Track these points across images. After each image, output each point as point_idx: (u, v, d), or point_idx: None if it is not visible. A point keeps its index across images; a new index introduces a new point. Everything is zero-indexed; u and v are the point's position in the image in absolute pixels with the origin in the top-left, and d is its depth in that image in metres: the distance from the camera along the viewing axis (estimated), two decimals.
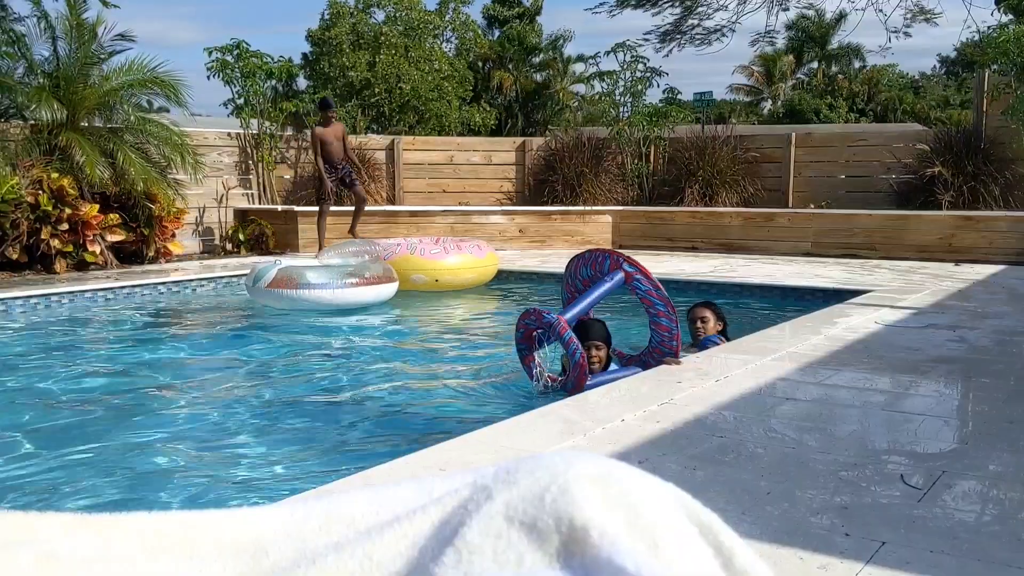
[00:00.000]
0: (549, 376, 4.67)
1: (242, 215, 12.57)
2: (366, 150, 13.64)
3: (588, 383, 4.42)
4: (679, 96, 17.01)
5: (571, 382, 4.49)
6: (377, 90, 16.02)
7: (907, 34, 11.95)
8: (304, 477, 3.77)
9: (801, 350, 5.04)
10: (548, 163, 13.80)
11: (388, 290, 8.16)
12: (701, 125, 14.73)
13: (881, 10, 10.48)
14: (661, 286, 4.78)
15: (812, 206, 12.34)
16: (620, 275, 4.83)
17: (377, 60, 16.09)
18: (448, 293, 8.93)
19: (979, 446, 3.31)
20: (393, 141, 13.96)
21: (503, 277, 9.88)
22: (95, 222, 9.79)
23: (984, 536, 2.46)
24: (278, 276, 7.82)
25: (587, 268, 5.02)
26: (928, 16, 10.92)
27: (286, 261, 8.50)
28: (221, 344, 7.04)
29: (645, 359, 4.88)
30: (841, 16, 34.92)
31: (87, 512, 0.77)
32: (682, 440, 3.29)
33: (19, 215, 9.30)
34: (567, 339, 4.49)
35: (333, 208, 12.81)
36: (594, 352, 4.75)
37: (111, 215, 10.07)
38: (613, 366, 4.99)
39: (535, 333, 4.74)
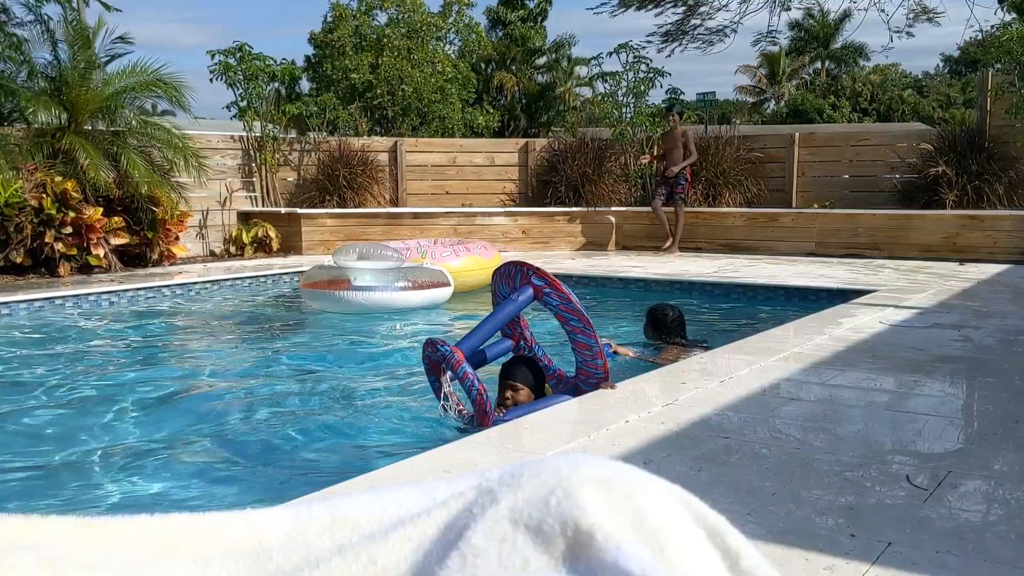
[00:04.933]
0: (459, 407, 4.20)
1: (245, 217, 12.58)
2: (369, 152, 13.65)
3: (504, 417, 4.01)
4: (682, 96, 17.02)
5: (475, 420, 4.06)
6: (380, 92, 16.03)
7: (910, 34, 11.91)
8: (309, 480, 3.77)
9: (805, 350, 5.03)
10: (551, 164, 13.80)
11: (443, 294, 8.15)
12: (704, 125, 14.72)
13: (883, 10, 10.46)
14: (575, 299, 4.21)
15: (816, 206, 12.33)
16: (529, 291, 4.33)
17: (380, 62, 16.10)
18: (456, 296, 8.89)
19: (984, 446, 3.30)
20: (396, 143, 13.97)
21: None
22: (99, 225, 9.81)
23: (990, 536, 2.45)
24: (328, 278, 7.84)
25: (503, 285, 4.53)
26: (931, 16, 10.90)
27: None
28: (223, 345, 7.04)
29: (576, 383, 4.40)
30: (845, 16, 34.90)
31: (89, 516, 0.76)
32: (686, 441, 3.28)
33: (23, 219, 9.32)
34: (461, 374, 4.04)
35: (335, 209, 12.84)
36: (509, 393, 4.30)
37: (115, 218, 10.09)
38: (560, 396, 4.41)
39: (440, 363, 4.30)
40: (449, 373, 4.19)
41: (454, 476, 0.80)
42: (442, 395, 4.22)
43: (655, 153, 12.64)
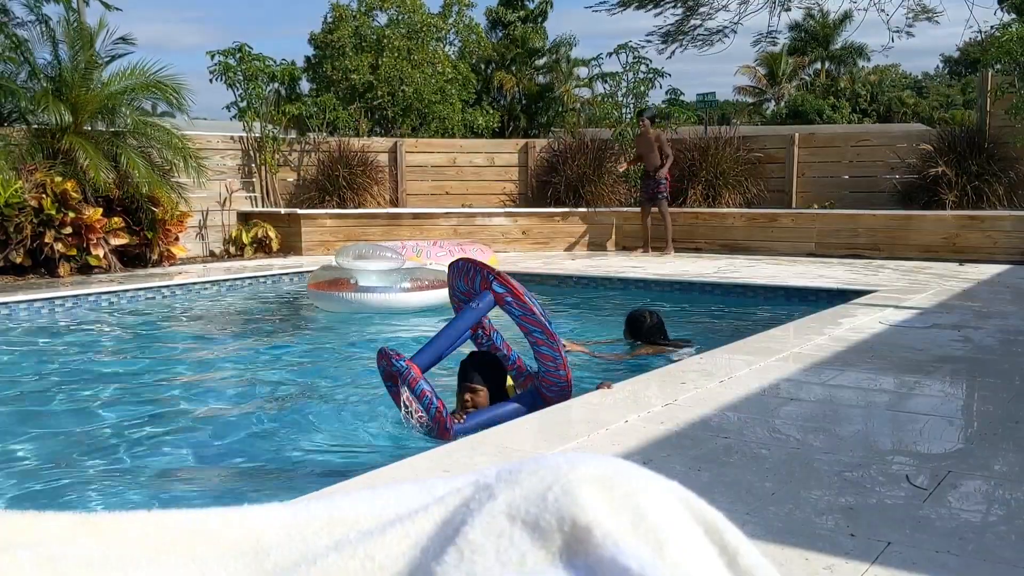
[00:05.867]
0: (419, 416, 4.01)
1: (245, 218, 12.59)
2: (369, 152, 13.65)
3: (464, 425, 3.94)
4: (682, 97, 17.02)
5: (435, 433, 3.97)
6: (380, 93, 16.03)
7: (909, 34, 11.92)
8: (307, 479, 3.76)
9: (805, 350, 5.03)
10: (551, 165, 13.81)
11: (447, 294, 8.15)
12: (704, 126, 14.73)
13: (883, 10, 10.46)
14: (538, 309, 4.03)
15: (816, 206, 12.33)
16: (489, 297, 4.14)
17: (380, 63, 16.10)
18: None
19: (984, 446, 3.30)
20: (396, 143, 13.98)
21: None
22: (99, 226, 9.81)
23: (990, 536, 2.45)
24: (333, 279, 7.82)
25: (461, 281, 4.36)
26: (930, 15, 10.90)
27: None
28: (223, 345, 7.04)
29: (537, 384, 4.24)
30: (845, 16, 34.91)
31: (87, 513, 0.76)
32: (686, 441, 3.28)
33: (23, 219, 9.32)
34: (418, 392, 3.91)
35: (335, 210, 12.84)
36: (468, 396, 4.18)
37: (114, 219, 10.09)
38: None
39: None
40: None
41: (452, 474, 0.80)
42: (402, 404, 4.06)
43: (631, 159, 12.70)
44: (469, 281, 4.26)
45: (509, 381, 4.43)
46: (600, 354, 6.12)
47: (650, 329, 6.11)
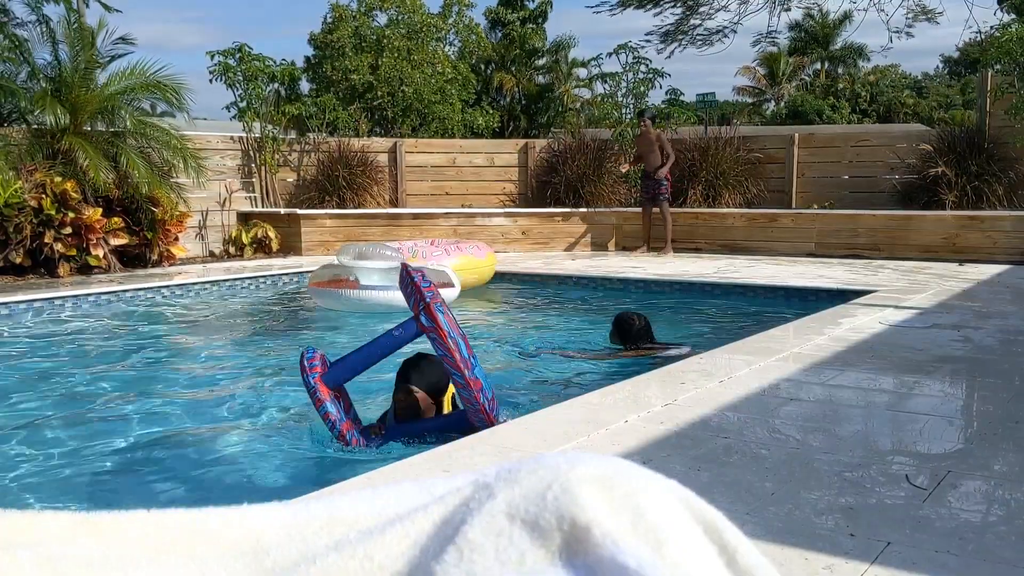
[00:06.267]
0: (344, 426, 3.90)
1: (245, 218, 12.59)
2: (368, 153, 13.65)
3: (379, 442, 3.86)
4: (682, 97, 17.03)
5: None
6: (380, 93, 16.03)
7: (909, 34, 11.93)
8: (307, 479, 3.77)
9: (805, 350, 5.03)
10: (551, 165, 13.81)
11: (449, 294, 8.15)
12: (704, 126, 14.73)
13: (883, 10, 10.47)
14: (459, 354, 3.73)
15: (816, 207, 12.33)
16: (414, 327, 3.90)
17: (380, 63, 16.11)
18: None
19: (984, 446, 3.30)
20: (395, 144, 13.98)
21: (507, 279, 9.89)
22: (98, 226, 9.81)
23: (990, 536, 2.45)
24: (335, 276, 7.82)
25: (403, 291, 4.09)
26: (930, 16, 10.91)
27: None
28: (223, 345, 7.04)
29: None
30: (845, 17, 34.92)
31: (87, 512, 0.76)
32: (686, 441, 3.28)
33: (22, 219, 9.32)
34: (322, 413, 3.81)
35: (335, 210, 12.85)
36: (401, 396, 4.02)
37: (114, 219, 10.09)
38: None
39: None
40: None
41: (452, 474, 0.80)
42: (331, 417, 3.91)
43: (631, 160, 12.69)
44: (406, 295, 4.01)
45: (452, 390, 4.15)
46: (583, 353, 6.21)
47: (638, 332, 6.13)
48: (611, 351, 6.21)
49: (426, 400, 4.02)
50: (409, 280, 3.94)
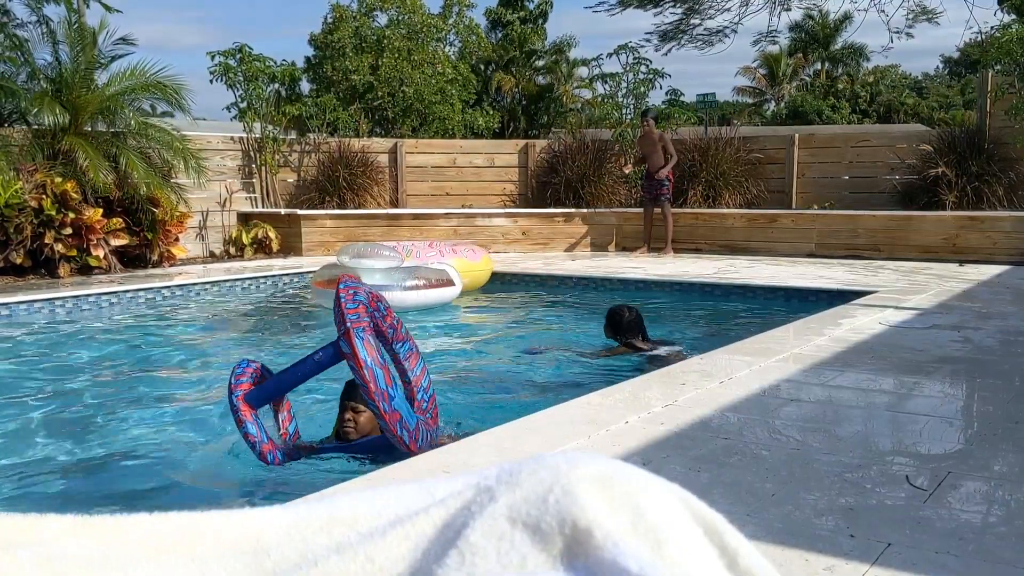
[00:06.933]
0: (264, 447, 3.78)
1: (245, 218, 12.59)
2: (369, 153, 13.66)
3: (303, 461, 3.81)
4: (682, 97, 17.02)
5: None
6: (380, 93, 16.03)
7: (909, 34, 11.96)
8: (307, 479, 3.76)
9: (805, 351, 5.03)
10: (551, 165, 13.81)
11: (450, 293, 8.18)
12: (704, 126, 14.73)
13: (883, 10, 10.47)
14: (373, 380, 3.54)
15: (816, 207, 12.33)
16: (332, 352, 3.77)
17: (380, 63, 16.11)
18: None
19: (984, 446, 3.30)
20: (396, 144, 13.98)
21: (507, 279, 9.89)
22: (99, 226, 9.81)
23: (990, 537, 2.45)
24: (338, 277, 7.82)
25: (334, 305, 3.87)
26: (930, 16, 10.91)
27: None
28: (223, 346, 7.04)
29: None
30: (845, 17, 34.92)
31: (88, 514, 0.76)
32: (686, 442, 3.28)
33: (23, 219, 9.32)
34: (243, 433, 3.74)
35: (335, 210, 12.85)
36: (349, 415, 3.96)
37: (114, 219, 10.09)
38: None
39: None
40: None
41: (453, 475, 0.80)
42: (254, 435, 3.81)
43: (634, 160, 12.69)
44: (335, 312, 3.79)
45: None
46: (582, 352, 6.23)
47: (628, 324, 6.16)
48: (607, 349, 6.23)
49: (371, 419, 3.90)
50: (337, 298, 3.78)
